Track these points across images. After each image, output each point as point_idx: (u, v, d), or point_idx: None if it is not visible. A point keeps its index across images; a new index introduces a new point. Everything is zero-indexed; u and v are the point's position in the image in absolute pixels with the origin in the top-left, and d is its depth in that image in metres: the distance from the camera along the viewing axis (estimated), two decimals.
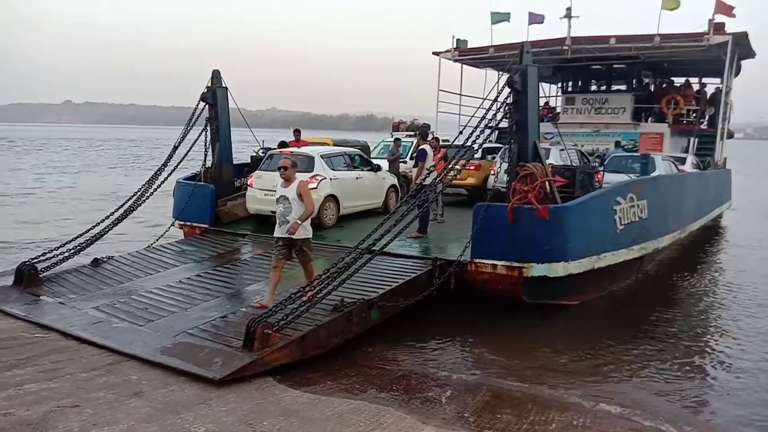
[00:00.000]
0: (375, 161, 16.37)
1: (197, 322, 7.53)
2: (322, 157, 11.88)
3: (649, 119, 20.38)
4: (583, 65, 19.92)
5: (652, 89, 21.73)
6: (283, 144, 14.26)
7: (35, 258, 9.71)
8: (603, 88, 21.55)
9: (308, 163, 11.61)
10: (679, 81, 21.83)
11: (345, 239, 10.55)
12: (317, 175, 11.41)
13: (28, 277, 9.24)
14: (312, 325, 7.05)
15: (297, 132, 15.67)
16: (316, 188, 11.14)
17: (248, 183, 12.18)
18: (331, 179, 11.63)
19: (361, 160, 13.01)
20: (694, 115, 19.61)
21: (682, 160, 16.48)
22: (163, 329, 7.44)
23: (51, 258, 9.82)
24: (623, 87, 20.94)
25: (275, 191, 11.25)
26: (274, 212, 11.44)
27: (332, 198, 11.66)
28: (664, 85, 21.82)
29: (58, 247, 10.05)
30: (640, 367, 7.52)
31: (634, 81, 20.52)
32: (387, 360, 7.41)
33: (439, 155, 11.72)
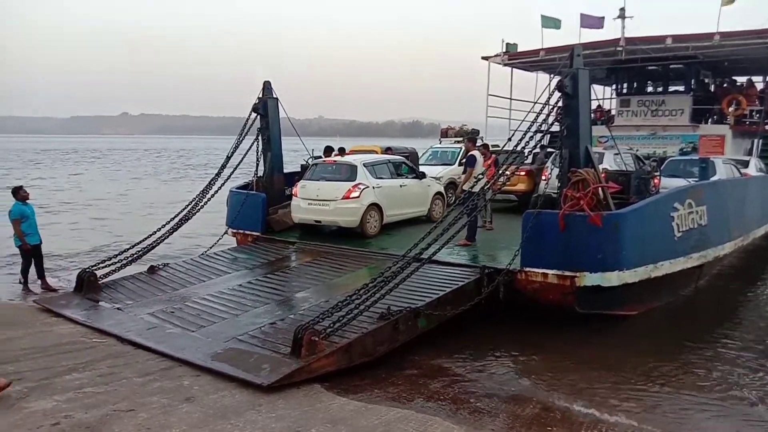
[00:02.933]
0: (423, 167, 16.38)
1: (247, 329, 7.66)
2: (365, 165, 11.82)
3: (709, 121, 19.58)
4: (638, 66, 19.32)
5: (712, 89, 20.88)
6: (328, 148, 14.31)
7: (95, 265, 10.11)
8: (659, 89, 20.81)
9: (351, 172, 11.61)
10: (741, 80, 20.89)
11: (392, 247, 10.53)
12: (360, 183, 11.39)
13: (88, 284, 9.64)
14: (358, 333, 7.06)
15: (328, 149, 15.36)
16: (358, 197, 11.19)
17: (293, 192, 12.24)
18: (374, 188, 11.56)
19: (406, 167, 12.92)
20: (757, 115, 18.71)
21: (745, 163, 15.74)
22: (214, 335, 7.60)
23: (110, 265, 10.21)
24: (681, 88, 20.18)
25: (318, 200, 11.44)
26: (318, 221, 11.66)
27: (375, 207, 11.56)
28: (725, 85, 20.92)
29: (117, 255, 10.44)
30: (695, 385, 7.15)
31: (693, 81, 19.75)
32: (434, 369, 7.34)
33: (489, 161, 11.58)
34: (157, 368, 6.87)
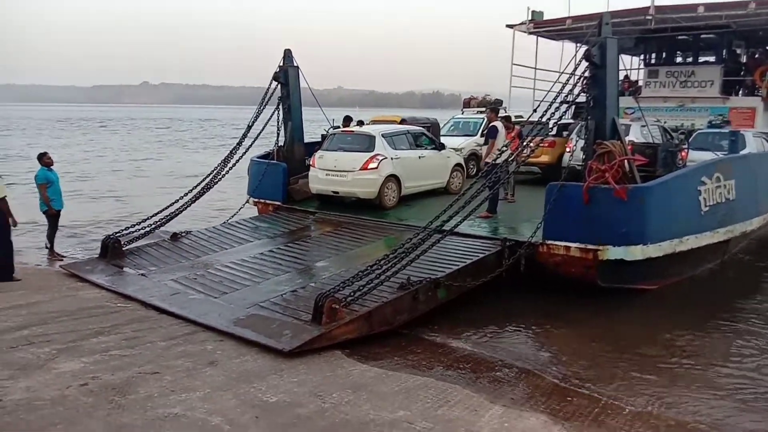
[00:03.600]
0: (445, 138, 16.22)
1: (269, 296, 7.75)
2: (383, 136, 11.65)
3: (740, 93, 19.04)
4: (668, 36, 18.78)
5: (744, 60, 20.25)
6: (347, 118, 14.19)
7: (119, 232, 10.26)
8: (689, 59, 20.24)
9: (369, 143, 11.47)
10: None
11: (412, 218, 10.51)
12: (378, 154, 11.25)
13: (112, 250, 9.80)
14: (378, 302, 7.10)
15: (347, 119, 15.30)
16: (376, 168, 11.09)
17: (310, 163, 12.17)
18: (392, 159, 11.41)
19: (426, 138, 12.75)
20: None
21: None
22: (236, 301, 7.70)
23: (134, 232, 10.36)
24: (712, 58, 19.60)
25: (336, 171, 11.38)
26: (335, 192, 11.61)
27: (393, 178, 11.42)
28: (757, 56, 20.28)
29: (140, 222, 10.58)
30: (717, 358, 7.10)
31: (724, 51, 19.16)
32: (454, 339, 7.37)
33: (512, 133, 11.41)
34: (181, 333, 7.00)
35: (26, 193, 11.01)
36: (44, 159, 10.60)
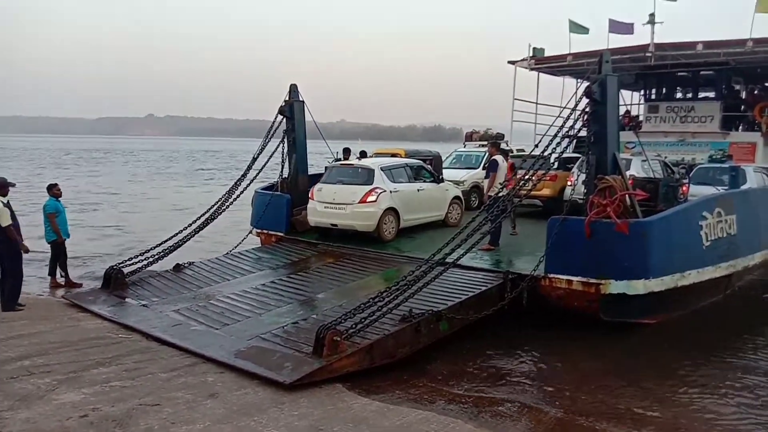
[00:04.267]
0: (446, 171, 16.32)
1: (270, 327, 7.74)
2: (382, 169, 11.67)
3: (740, 128, 19.22)
4: (668, 72, 19.06)
5: (743, 96, 20.50)
6: (347, 150, 14.30)
7: (122, 262, 10.30)
8: (689, 95, 20.50)
9: (368, 176, 11.47)
10: None
11: (415, 250, 10.53)
12: (377, 187, 11.25)
13: (115, 281, 9.83)
14: (380, 335, 7.08)
15: (346, 151, 15.45)
16: (375, 201, 11.11)
17: (309, 195, 12.09)
18: (391, 192, 11.40)
19: (424, 171, 12.77)
20: None
21: None
22: (237, 333, 7.70)
23: (137, 262, 10.39)
24: (711, 94, 19.86)
25: (335, 204, 11.41)
26: (334, 225, 11.58)
27: (392, 211, 11.39)
28: (756, 92, 20.54)
29: (143, 253, 10.63)
30: (720, 391, 7.04)
31: (723, 88, 19.42)
32: (456, 373, 7.32)
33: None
34: (182, 364, 6.97)
35: (29, 224, 11.03)
36: (54, 190, 10.73)
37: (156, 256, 10.67)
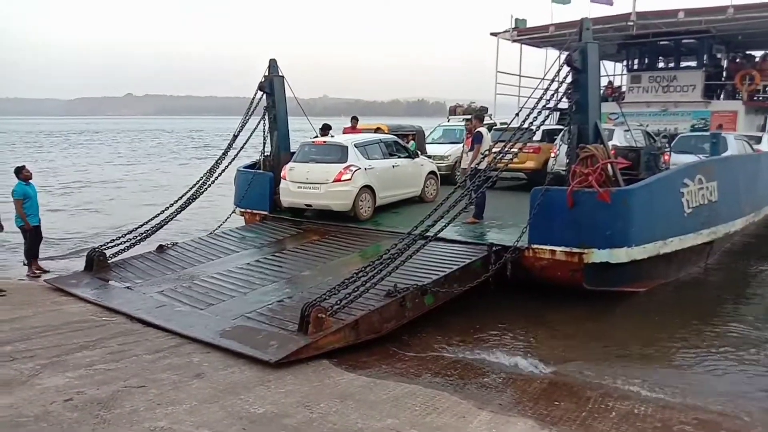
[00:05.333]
0: (430, 146, 16.25)
1: (255, 306, 7.72)
2: (356, 146, 11.39)
3: (722, 96, 19.31)
4: (650, 41, 19.02)
5: (725, 64, 20.55)
6: (326, 127, 14.08)
7: (104, 244, 10.19)
8: (671, 64, 20.51)
9: (342, 153, 11.21)
10: (756, 54, 20.53)
11: (400, 225, 10.50)
12: (351, 165, 11.00)
13: (97, 263, 9.74)
14: (365, 310, 7.09)
15: (355, 119, 15.61)
16: (350, 179, 10.89)
17: (281, 175, 11.76)
18: (366, 169, 11.14)
19: (399, 146, 12.56)
20: None
21: (758, 139, 15.54)
22: (222, 313, 7.67)
23: (119, 244, 10.29)
24: (693, 63, 19.89)
25: (308, 183, 11.15)
26: (308, 205, 11.35)
27: (368, 189, 11.13)
28: (738, 60, 20.59)
29: (125, 234, 10.52)
30: (703, 358, 7.17)
31: (705, 56, 19.44)
32: (441, 345, 7.36)
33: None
34: (167, 345, 6.94)
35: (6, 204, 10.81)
36: (23, 173, 10.41)
37: (138, 237, 10.57)
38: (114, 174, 31.10)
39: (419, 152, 13.33)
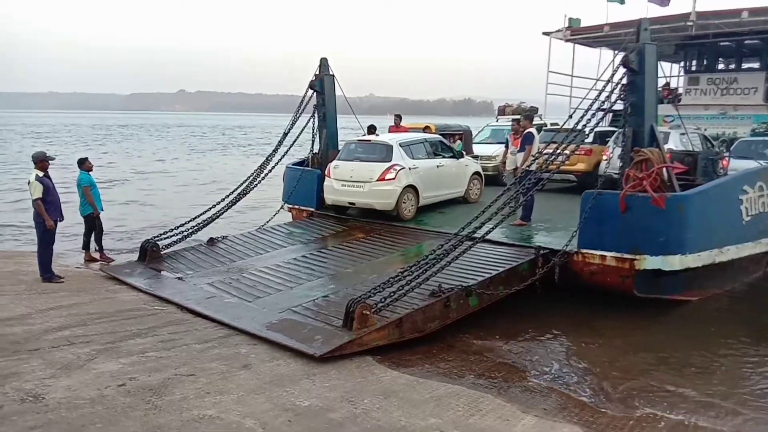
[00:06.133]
0: (478, 146, 16.11)
1: (301, 301, 7.83)
2: (401, 145, 11.36)
3: None
4: (710, 42, 18.38)
5: None
6: (372, 128, 14.14)
7: (158, 236, 10.51)
8: (732, 66, 19.77)
9: (386, 152, 11.17)
10: None
11: (446, 225, 10.46)
12: (395, 164, 10.97)
13: (150, 254, 10.06)
14: (409, 309, 7.09)
15: (398, 117, 15.61)
16: (394, 179, 10.87)
17: (326, 173, 11.84)
18: (410, 168, 11.11)
19: (443, 146, 12.47)
20: None
21: None
22: (269, 306, 7.80)
23: (172, 236, 10.60)
24: (756, 64, 19.10)
25: (352, 181, 11.26)
26: (352, 203, 11.40)
27: (411, 188, 11.10)
28: None
29: (178, 227, 10.81)
30: (758, 370, 6.88)
31: None
32: (486, 348, 7.31)
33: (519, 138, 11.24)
34: (216, 336, 7.11)
35: (66, 199, 11.22)
36: (86, 164, 10.89)
37: (190, 230, 10.86)
38: (168, 167, 32.00)
39: (464, 152, 13.21)
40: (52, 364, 6.08)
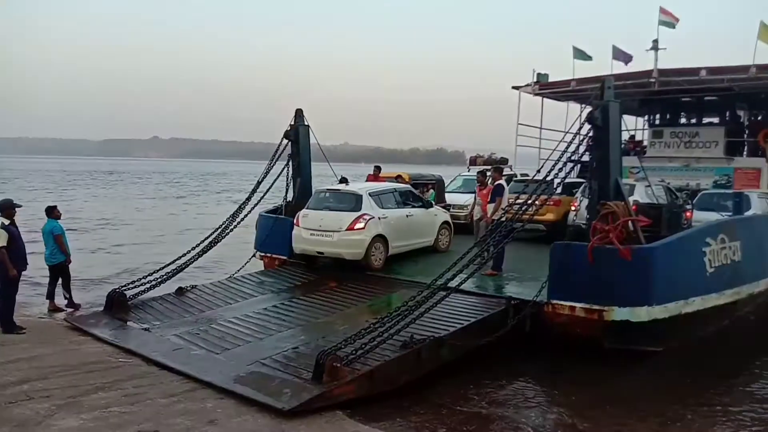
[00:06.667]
0: (450, 195, 16.33)
1: (270, 353, 7.71)
2: (370, 195, 11.30)
3: (744, 153, 19.23)
4: (672, 98, 19.13)
5: (746, 122, 20.54)
6: (343, 180, 14.28)
7: (125, 285, 10.31)
8: (693, 120, 20.56)
9: (355, 202, 11.09)
10: None
11: (419, 275, 10.48)
12: (365, 214, 10.87)
13: (117, 304, 9.85)
14: (381, 361, 7.04)
15: (377, 168, 15.81)
16: (363, 228, 10.77)
17: (294, 222, 11.64)
18: (379, 218, 11.01)
19: (412, 195, 12.47)
20: None
21: None
22: (237, 358, 7.66)
23: (139, 285, 10.40)
24: (715, 119, 19.90)
25: (321, 231, 11.04)
26: (320, 253, 11.25)
27: (381, 238, 10.99)
28: (761, 117, 20.57)
29: (146, 276, 10.63)
30: (729, 420, 6.97)
31: (728, 113, 19.46)
32: (459, 399, 7.26)
33: (485, 191, 11.44)
34: (182, 389, 6.93)
35: (31, 247, 10.96)
36: (55, 212, 10.71)
37: (159, 279, 10.68)
38: (137, 215, 31.61)
39: (434, 202, 13.33)
40: (9, 421, 5.87)
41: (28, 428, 5.73)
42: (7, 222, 9.02)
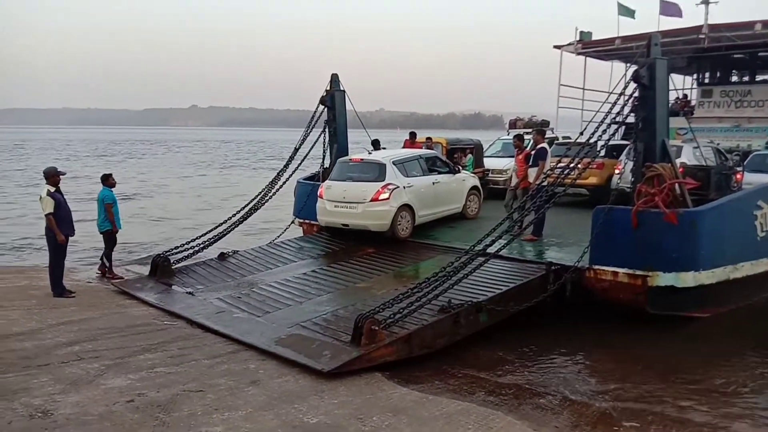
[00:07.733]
0: (489, 160, 16.09)
1: (310, 316, 7.82)
2: (394, 163, 10.89)
3: None
4: (723, 54, 18.26)
5: None
6: (375, 142, 14.09)
7: (169, 251, 10.56)
8: (745, 78, 19.63)
9: (379, 171, 10.72)
10: None
11: (457, 240, 10.41)
12: (389, 184, 10.52)
13: (162, 269, 10.09)
14: (418, 325, 7.05)
15: (413, 134, 15.67)
16: (388, 198, 10.44)
17: (318, 193, 11.39)
18: (404, 187, 10.66)
19: (439, 161, 12.10)
20: None
21: None
22: (278, 321, 7.80)
23: (183, 251, 10.64)
24: None
25: (345, 202, 10.79)
26: (345, 225, 10.91)
27: (407, 207, 10.64)
28: None
29: (189, 242, 10.86)
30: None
31: None
32: (497, 364, 7.24)
33: (521, 156, 11.17)
34: (225, 351, 7.11)
35: (79, 214, 11.22)
36: (109, 180, 10.90)
37: (201, 245, 10.90)
38: (180, 184, 32.25)
39: (460, 168, 13.05)
40: (62, 380, 6.10)
41: (80, 386, 5.97)
42: (52, 189, 9.26)
